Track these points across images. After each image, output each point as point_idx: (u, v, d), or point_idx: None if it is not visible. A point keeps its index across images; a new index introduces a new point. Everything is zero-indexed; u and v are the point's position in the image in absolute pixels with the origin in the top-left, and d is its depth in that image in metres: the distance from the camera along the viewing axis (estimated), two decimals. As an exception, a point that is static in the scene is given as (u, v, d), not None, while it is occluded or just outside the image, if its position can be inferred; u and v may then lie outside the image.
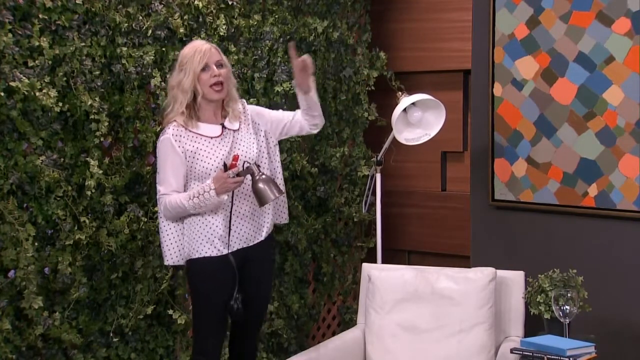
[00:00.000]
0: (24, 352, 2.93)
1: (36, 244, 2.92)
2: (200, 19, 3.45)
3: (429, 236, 4.35)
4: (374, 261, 3.74)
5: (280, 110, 3.16)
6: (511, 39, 3.58)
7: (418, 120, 3.61)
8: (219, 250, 2.92)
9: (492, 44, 3.64)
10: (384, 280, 3.24)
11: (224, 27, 3.51)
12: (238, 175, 2.85)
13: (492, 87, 3.66)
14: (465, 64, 3.97)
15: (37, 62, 2.88)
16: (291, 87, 3.81)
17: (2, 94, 2.76)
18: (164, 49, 3.31)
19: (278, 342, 3.98)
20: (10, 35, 2.78)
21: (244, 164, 2.90)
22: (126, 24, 3.17)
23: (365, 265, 3.41)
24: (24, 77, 2.82)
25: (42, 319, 2.94)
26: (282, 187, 3.07)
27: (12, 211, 2.86)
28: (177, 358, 3.46)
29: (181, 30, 3.35)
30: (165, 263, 3.00)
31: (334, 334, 4.26)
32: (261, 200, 2.87)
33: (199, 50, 2.90)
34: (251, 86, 3.71)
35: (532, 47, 3.53)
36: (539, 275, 3.17)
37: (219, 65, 2.93)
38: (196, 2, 3.40)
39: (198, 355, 3.01)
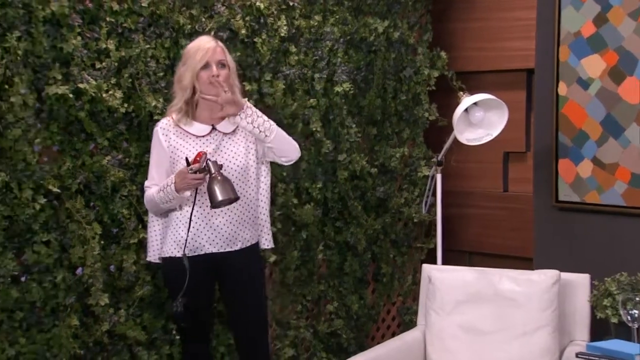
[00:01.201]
0: (91, 348, 3.00)
1: (102, 242, 2.99)
2: (262, 20, 3.47)
3: (490, 237, 4.29)
4: (434, 262, 3.71)
5: None
6: (577, 37, 3.51)
7: (480, 120, 3.56)
8: (177, 250, 2.89)
9: (557, 43, 3.57)
10: (444, 282, 3.21)
11: (284, 28, 3.53)
12: (200, 172, 2.75)
13: (557, 86, 3.59)
14: (529, 63, 3.91)
15: (104, 64, 2.94)
16: (351, 87, 3.82)
17: (71, 95, 2.83)
18: (226, 50, 3.34)
19: (337, 342, 3.98)
20: (79, 38, 2.85)
21: (206, 161, 2.79)
22: (189, 26, 3.21)
23: (425, 266, 3.38)
24: (92, 79, 2.89)
25: (108, 316, 3.01)
26: (265, 214, 2.99)
27: (80, 210, 2.93)
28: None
29: (243, 31, 3.38)
30: (147, 259, 2.99)
31: (393, 334, 4.24)
32: (211, 200, 2.74)
33: (202, 47, 2.86)
34: (311, 87, 3.72)
35: (599, 45, 3.44)
36: (605, 279, 3.10)
37: (221, 65, 2.89)
38: (258, 4, 3.43)
39: (186, 355, 3.02)
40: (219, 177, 2.74)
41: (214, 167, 2.76)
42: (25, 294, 2.80)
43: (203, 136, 2.91)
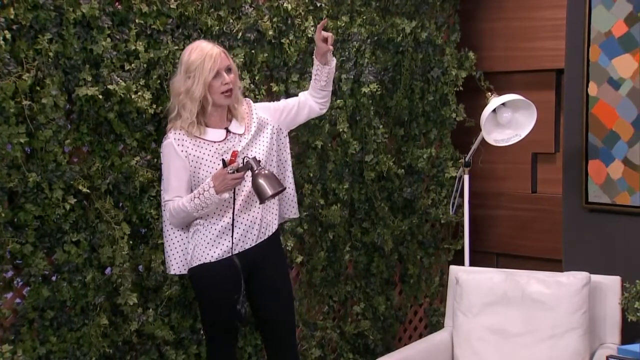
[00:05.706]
0: (120, 347, 3.03)
1: (131, 242, 3.01)
2: (289, 21, 3.48)
3: (518, 239, 4.26)
4: (461, 263, 3.69)
5: (282, 99, 3.12)
6: (608, 36, 3.46)
7: (508, 121, 3.54)
8: (223, 253, 2.85)
9: (588, 43, 3.52)
10: (472, 283, 3.19)
11: (312, 28, 3.53)
12: (238, 171, 2.75)
13: (587, 86, 3.55)
14: (558, 63, 3.87)
15: (133, 65, 2.96)
16: (378, 88, 3.81)
17: (101, 96, 2.85)
18: (253, 51, 3.35)
19: (364, 343, 3.98)
20: (108, 40, 2.87)
21: (243, 159, 2.79)
22: (217, 27, 3.22)
23: (452, 267, 3.37)
24: (121, 80, 2.91)
25: (136, 315, 3.03)
26: (291, 183, 3.04)
27: (109, 210, 2.95)
28: (265, 356, 3.50)
29: (270, 32, 3.39)
30: (169, 272, 2.94)
31: (420, 336, 4.22)
32: (260, 196, 2.75)
33: (209, 56, 2.81)
34: (338, 87, 3.72)
35: (631, 45, 3.39)
36: (637, 281, 3.05)
37: (228, 70, 2.86)
38: (285, 5, 3.43)
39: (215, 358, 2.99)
40: (262, 172, 2.75)
41: (254, 163, 2.77)
42: (56, 293, 2.84)
43: (221, 141, 2.89)
